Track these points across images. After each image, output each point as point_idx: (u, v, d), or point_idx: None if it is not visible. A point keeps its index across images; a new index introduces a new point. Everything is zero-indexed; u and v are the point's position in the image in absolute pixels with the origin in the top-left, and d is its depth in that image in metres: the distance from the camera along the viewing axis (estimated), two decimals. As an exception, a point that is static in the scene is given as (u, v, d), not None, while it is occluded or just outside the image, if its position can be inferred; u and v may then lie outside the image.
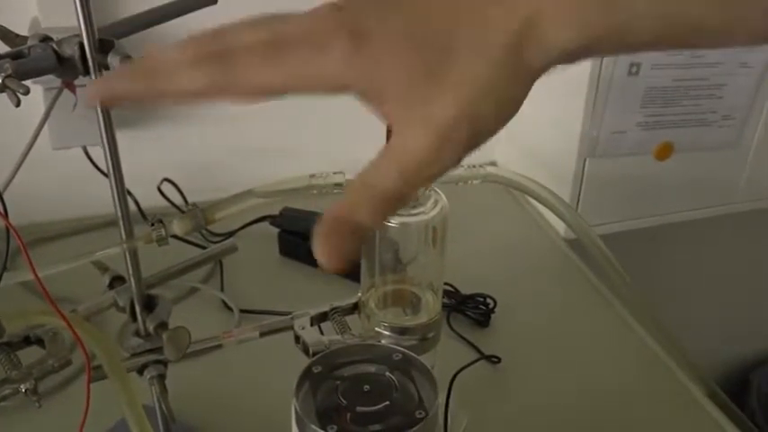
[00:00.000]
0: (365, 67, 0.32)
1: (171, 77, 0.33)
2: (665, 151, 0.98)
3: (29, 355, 0.47)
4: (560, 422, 0.70)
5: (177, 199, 0.93)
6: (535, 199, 0.60)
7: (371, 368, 0.44)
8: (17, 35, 0.44)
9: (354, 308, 0.59)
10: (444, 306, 0.79)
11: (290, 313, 0.57)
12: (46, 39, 0.43)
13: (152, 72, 0.33)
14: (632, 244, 1.01)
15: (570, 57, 0.33)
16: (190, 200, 0.93)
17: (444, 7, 0.33)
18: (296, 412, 0.41)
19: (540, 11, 0.31)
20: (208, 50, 0.34)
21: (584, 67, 0.89)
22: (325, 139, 1.04)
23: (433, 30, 0.32)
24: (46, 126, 0.59)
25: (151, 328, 0.51)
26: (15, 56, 0.41)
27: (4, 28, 0.44)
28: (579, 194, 0.98)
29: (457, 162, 0.34)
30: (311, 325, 0.57)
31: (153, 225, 0.49)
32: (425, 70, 0.32)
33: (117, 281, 0.53)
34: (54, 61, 0.41)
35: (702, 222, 1.09)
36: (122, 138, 0.46)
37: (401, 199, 0.34)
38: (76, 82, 0.45)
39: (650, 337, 0.81)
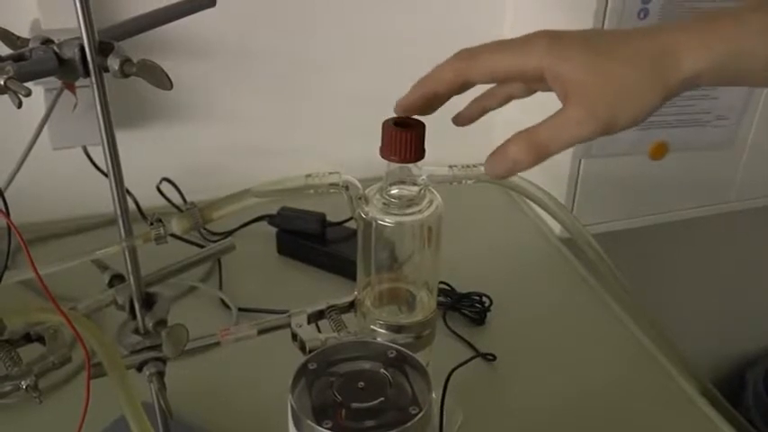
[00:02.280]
0: (556, 56, 0.47)
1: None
2: (659, 151, 0.99)
3: (29, 352, 0.48)
4: (555, 420, 0.70)
5: (176, 198, 0.94)
6: (529, 199, 0.60)
7: (366, 365, 0.45)
8: (18, 37, 0.45)
9: (351, 306, 0.59)
10: (440, 304, 0.80)
11: (287, 311, 0.58)
12: (47, 41, 0.43)
13: None
14: (628, 243, 1.02)
15: (699, 78, 0.46)
16: (189, 199, 0.93)
17: (612, 34, 0.49)
18: (292, 408, 0.42)
19: (677, 41, 0.46)
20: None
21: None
22: (321, 140, 1.05)
23: (604, 43, 0.48)
24: (46, 126, 0.60)
25: (150, 325, 0.52)
26: (17, 58, 0.41)
27: (6, 30, 0.45)
28: (575, 194, 0.99)
29: (589, 138, 0.47)
30: (308, 323, 0.57)
31: (152, 224, 0.49)
32: (593, 68, 0.46)
33: (116, 279, 0.54)
34: (55, 63, 0.41)
35: (697, 222, 1.10)
36: (122, 138, 0.46)
37: (547, 151, 0.47)
38: (77, 83, 0.46)
39: (645, 335, 0.81)
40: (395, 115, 0.53)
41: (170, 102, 0.97)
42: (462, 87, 0.51)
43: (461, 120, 0.56)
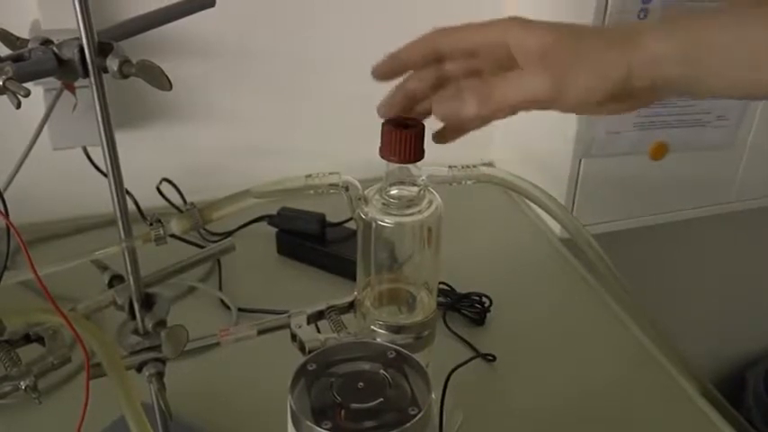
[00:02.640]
0: (522, 28, 0.49)
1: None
2: (659, 151, 0.99)
3: (29, 352, 0.48)
4: (555, 420, 0.70)
5: (176, 199, 0.94)
6: (529, 199, 0.60)
7: (366, 365, 0.45)
8: (18, 38, 0.45)
9: (350, 306, 0.59)
10: (440, 305, 0.80)
11: (286, 312, 0.58)
12: (46, 42, 0.43)
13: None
14: (628, 243, 1.02)
15: (661, 64, 0.46)
16: (188, 199, 0.93)
17: (593, 34, 0.49)
18: (291, 409, 0.42)
19: (643, 27, 0.47)
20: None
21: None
22: (320, 140, 1.05)
23: (572, 25, 0.49)
24: (46, 126, 0.60)
25: (150, 326, 0.52)
26: (16, 58, 0.41)
27: (5, 31, 0.45)
28: (575, 194, 0.99)
29: (540, 98, 0.47)
30: (308, 323, 0.57)
31: (152, 224, 0.49)
32: (556, 36, 0.48)
33: (116, 279, 0.53)
34: (54, 64, 0.41)
35: (697, 222, 1.10)
36: (121, 138, 0.46)
37: (495, 104, 0.48)
38: (76, 84, 0.46)
39: (645, 335, 0.81)
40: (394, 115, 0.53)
41: (169, 102, 0.97)
42: (432, 57, 0.52)
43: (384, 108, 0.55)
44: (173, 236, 0.50)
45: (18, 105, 0.39)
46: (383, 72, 0.54)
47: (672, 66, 0.46)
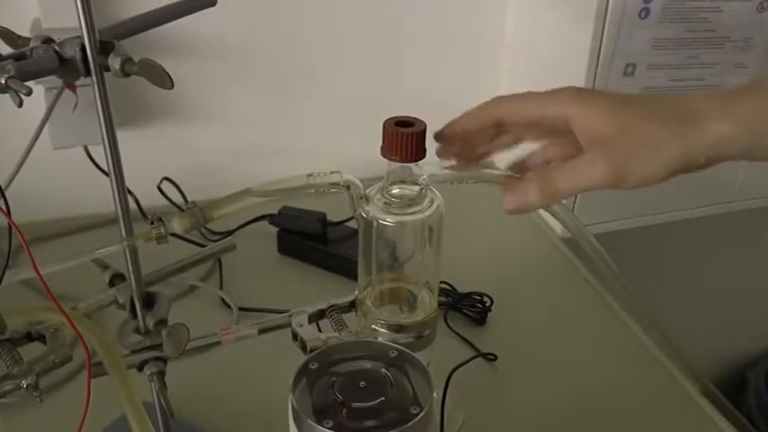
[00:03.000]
0: (581, 104, 0.50)
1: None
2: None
3: (30, 351, 0.48)
4: (556, 420, 0.70)
5: (177, 198, 0.94)
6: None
7: (367, 365, 0.45)
8: (19, 36, 0.45)
9: (351, 306, 0.59)
10: (441, 304, 0.80)
11: (288, 311, 0.58)
12: (48, 40, 0.43)
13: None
14: (629, 243, 1.02)
15: (723, 143, 0.47)
16: (189, 199, 0.93)
17: (642, 95, 0.52)
18: (292, 408, 0.42)
19: (705, 106, 0.47)
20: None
21: (579, 68, 0.90)
22: (322, 139, 1.05)
23: (632, 98, 0.50)
24: (47, 125, 0.60)
25: (151, 325, 0.52)
26: (18, 57, 0.41)
27: (7, 29, 0.45)
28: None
29: (600, 184, 0.49)
30: (309, 322, 0.57)
31: (153, 223, 0.49)
32: (617, 117, 0.48)
33: (117, 278, 0.54)
34: (56, 63, 0.41)
35: (699, 221, 1.10)
36: (123, 137, 0.46)
37: (558, 192, 0.50)
38: (77, 82, 0.46)
39: (646, 335, 0.81)
40: (396, 115, 0.53)
41: (171, 101, 0.97)
42: (493, 123, 0.54)
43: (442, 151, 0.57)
44: (173, 235, 0.50)
45: (20, 104, 0.39)
46: (443, 137, 0.55)
47: (732, 146, 0.47)
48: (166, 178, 0.93)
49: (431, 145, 0.53)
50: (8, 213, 0.42)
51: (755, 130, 0.47)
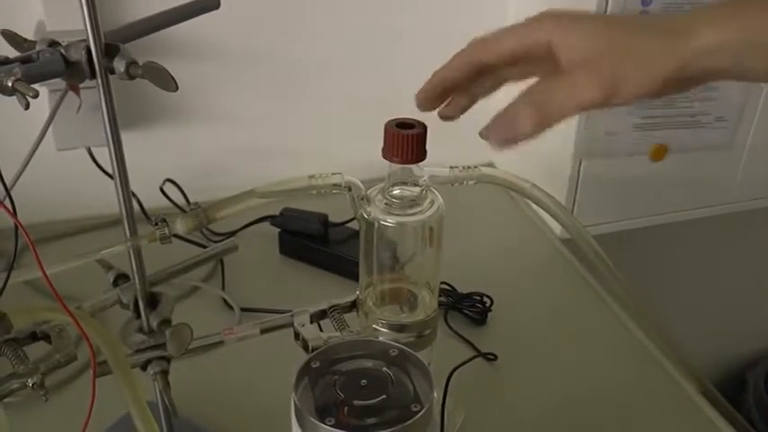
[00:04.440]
0: (564, 28, 0.48)
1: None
2: (659, 152, 0.99)
3: (35, 350, 0.48)
4: (555, 420, 0.71)
5: (179, 199, 0.94)
6: (530, 200, 0.61)
7: (368, 363, 0.45)
8: (25, 40, 0.45)
9: (353, 306, 0.60)
10: (441, 305, 0.80)
11: (289, 311, 0.58)
12: (53, 43, 0.43)
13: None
14: (628, 244, 1.02)
15: (712, 55, 0.45)
16: (191, 200, 0.94)
17: (642, 28, 0.47)
18: (295, 406, 0.42)
19: (692, 18, 0.45)
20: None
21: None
22: (323, 141, 1.05)
23: (614, 17, 0.49)
24: (50, 127, 0.61)
25: (154, 324, 0.52)
26: (24, 60, 0.42)
27: (13, 32, 0.45)
28: (575, 195, 0.99)
29: (594, 103, 0.46)
30: (311, 322, 0.58)
31: (156, 224, 0.50)
32: (602, 34, 0.46)
33: (121, 279, 0.54)
34: (62, 66, 0.42)
35: (697, 222, 1.10)
36: (125, 138, 0.46)
37: (553, 118, 0.47)
38: (81, 84, 0.46)
39: (645, 335, 0.81)
40: (396, 116, 0.53)
41: (173, 103, 0.98)
42: (477, 70, 0.51)
43: (449, 110, 0.55)
44: (175, 235, 0.51)
45: (27, 106, 0.39)
46: (425, 96, 0.52)
47: (726, 57, 0.45)
48: (169, 179, 0.93)
49: (431, 147, 0.53)
50: (14, 214, 0.43)
51: (750, 42, 0.44)
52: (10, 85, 0.39)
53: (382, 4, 1.01)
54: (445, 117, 0.54)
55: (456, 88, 0.53)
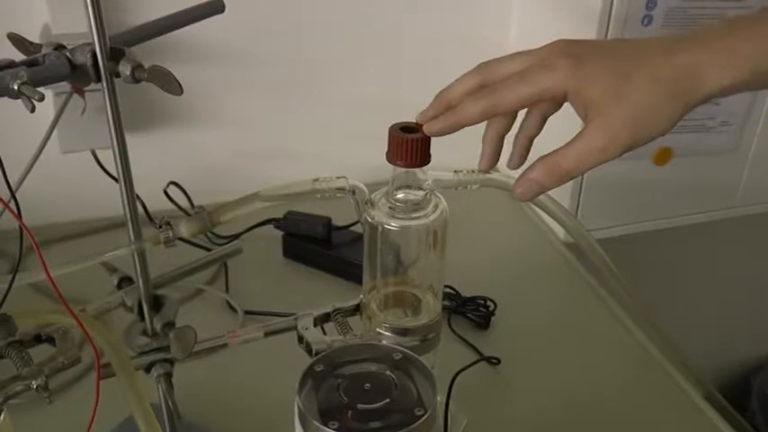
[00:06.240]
0: (579, 80, 0.49)
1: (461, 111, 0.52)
2: (664, 156, 0.99)
3: (40, 352, 0.48)
4: (559, 424, 0.71)
5: (183, 202, 0.94)
6: (533, 204, 0.61)
7: (372, 367, 0.46)
8: (31, 43, 0.45)
9: (356, 309, 0.60)
10: (445, 308, 0.80)
11: (293, 314, 0.58)
12: (59, 47, 0.44)
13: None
14: (632, 248, 1.02)
15: (722, 93, 0.47)
16: (196, 203, 0.94)
17: (632, 52, 0.49)
18: (299, 409, 0.42)
19: (698, 61, 0.47)
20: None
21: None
22: (327, 144, 1.05)
23: (625, 64, 0.48)
24: (55, 129, 0.61)
25: (158, 327, 0.52)
26: (30, 63, 0.42)
27: (20, 36, 0.45)
28: (579, 199, 0.99)
29: (615, 157, 0.49)
30: (314, 326, 0.58)
31: (161, 227, 0.50)
32: (615, 93, 0.48)
33: (125, 281, 0.54)
34: (67, 69, 0.42)
35: (702, 227, 1.10)
36: (129, 141, 0.47)
37: (570, 176, 0.50)
38: (86, 87, 0.46)
39: (649, 340, 0.81)
40: (401, 120, 0.53)
41: (177, 106, 0.98)
42: (489, 118, 0.54)
43: (515, 161, 0.58)
44: (179, 238, 0.51)
45: (33, 109, 0.39)
46: (431, 116, 0.53)
47: (732, 91, 0.48)
48: (173, 182, 0.93)
49: (435, 151, 0.53)
50: (19, 216, 0.43)
51: (757, 68, 0.47)
52: (16, 88, 0.39)
53: (388, 7, 1.01)
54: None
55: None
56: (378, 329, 0.58)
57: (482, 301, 0.84)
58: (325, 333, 0.58)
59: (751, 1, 0.92)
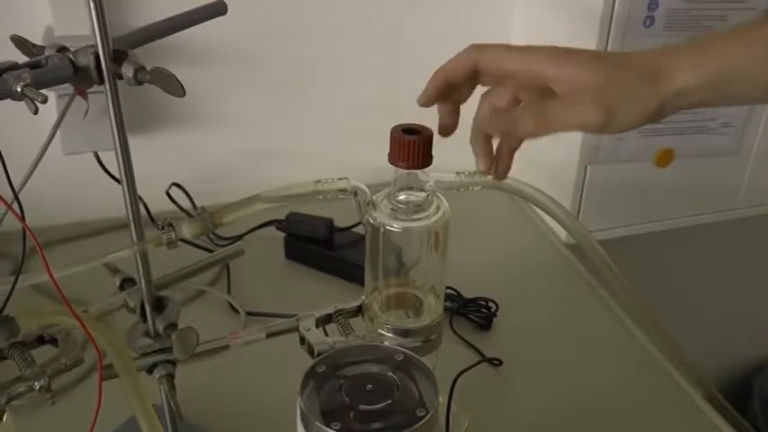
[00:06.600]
0: (561, 61, 0.51)
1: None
2: (665, 158, 0.99)
3: (42, 353, 0.48)
4: (560, 425, 0.71)
5: (186, 203, 0.94)
6: (535, 205, 0.61)
7: (374, 368, 0.46)
8: (34, 45, 0.46)
9: (358, 310, 0.60)
10: (447, 309, 0.80)
11: (295, 315, 0.58)
12: (62, 49, 0.44)
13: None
14: (634, 249, 1.02)
15: (690, 93, 0.51)
16: (198, 204, 0.94)
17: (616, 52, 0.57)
18: (301, 410, 0.42)
19: (672, 63, 0.51)
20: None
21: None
22: (329, 146, 1.05)
23: (607, 55, 0.57)
24: (58, 131, 0.61)
25: (160, 328, 0.52)
26: (33, 65, 0.42)
27: (23, 38, 0.45)
28: (581, 200, 0.99)
29: (589, 125, 0.51)
30: (316, 327, 0.58)
31: (163, 228, 0.50)
32: (598, 71, 0.51)
33: (127, 282, 0.54)
34: (71, 71, 0.42)
35: (703, 228, 1.10)
36: (132, 143, 0.47)
37: (549, 127, 0.52)
38: (88, 89, 0.47)
39: (650, 341, 0.81)
40: (403, 121, 0.53)
41: (179, 108, 0.98)
42: (472, 76, 0.55)
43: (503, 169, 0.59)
44: (182, 240, 0.51)
45: (35, 111, 0.40)
46: (427, 99, 0.55)
47: (699, 95, 0.51)
48: (175, 184, 0.93)
49: (437, 152, 0.54)
50: (22, 217, 0.43)
51: (721, 81, 0.50)
52: (19, 90, 0.39)
53: (388, 7, 1.01)
54: (445, 128, 0.57)
55: (455, 87, 0.56)
56: (380, 330, 0.58)
57: (484, 303, 0.84)
58: (326, 334, 0.58)
59: (752, 2, 0.92)
